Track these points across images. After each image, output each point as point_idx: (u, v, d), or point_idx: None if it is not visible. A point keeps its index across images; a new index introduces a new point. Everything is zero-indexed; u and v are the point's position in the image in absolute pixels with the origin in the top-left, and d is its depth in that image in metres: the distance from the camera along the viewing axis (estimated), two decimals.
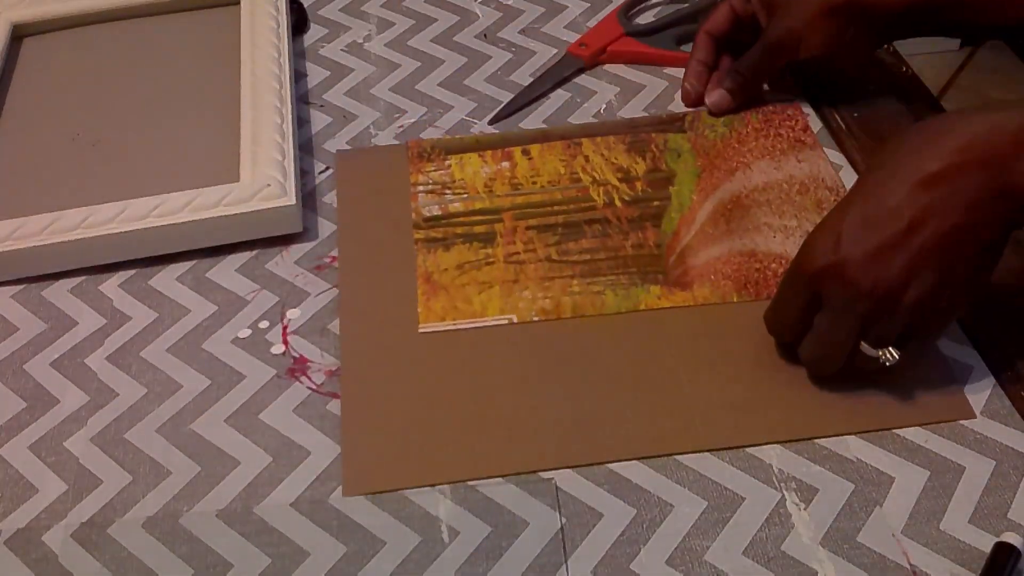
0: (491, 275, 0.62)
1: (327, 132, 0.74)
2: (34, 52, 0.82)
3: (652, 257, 0.63)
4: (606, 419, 0.54)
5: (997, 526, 0.49)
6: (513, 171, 0.69)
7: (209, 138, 0.71)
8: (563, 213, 0.66)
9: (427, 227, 0.66)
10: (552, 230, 0.65)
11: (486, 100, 0.76)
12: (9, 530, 0.51)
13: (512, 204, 0.67)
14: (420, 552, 0.49)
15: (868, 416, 0.54)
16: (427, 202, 0.67)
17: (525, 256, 0.63)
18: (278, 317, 0.61)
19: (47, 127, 0.74)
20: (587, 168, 0.69)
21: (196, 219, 0.64)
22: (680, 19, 0.82)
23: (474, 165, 0.70)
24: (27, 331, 0.61)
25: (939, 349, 0.57)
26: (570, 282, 0.62)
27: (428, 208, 0.67)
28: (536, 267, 0.63)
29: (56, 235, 0.63)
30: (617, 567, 0.48)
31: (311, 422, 0.55)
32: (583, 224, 0.65)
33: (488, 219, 0.66)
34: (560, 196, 0.67)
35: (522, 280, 0.62)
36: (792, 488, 0.51)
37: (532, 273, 0.62)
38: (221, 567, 0.49)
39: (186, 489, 0.53)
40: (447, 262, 0.63)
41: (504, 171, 0.69)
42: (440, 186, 0.68)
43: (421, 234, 0.65)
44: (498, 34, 0.83)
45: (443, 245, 0.64)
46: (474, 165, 0.70)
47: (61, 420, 0.56)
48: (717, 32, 0.73)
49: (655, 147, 0.70)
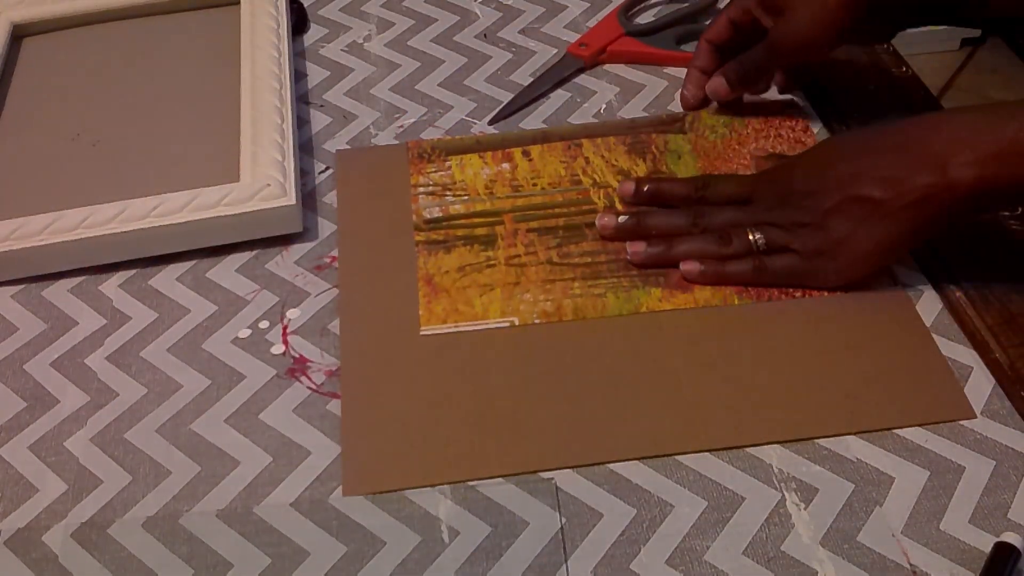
0: (492, 278, 0.62)
1: (327, 132, 0.74)
2: (34, 52, 0.82)
3: None
4: (606, 419, 0.54)
5: (997, 526, 0.49)
6: (513, 172, 0.69)
7: (209, 138, 0.71)
8: (564, 216, 0.66)
9: (428, 229, 0.65)
10: (553, 233, 0.65)
11: (486, 100, 0.76)
12: (9, 530, 0.51)
13: (512, 206, 0.67)
14: (420, 552, 0.49)
15: (868, 416, 0.54)
16: (428, 204, 0.67)
17: (526, 259, 0.63)
18: (278, 317, 0.61)
19: (47, 127, 0.74)
20: (587, 170, 0.69)
21: (196, 219, 0.64)
22: (680, 19, 0.82)
23: (475, 166, 0.69)
24: (27, 331, 0.61)
25: (939, 349, 0.57)
26: (571, 285, 0.61)
27: (429, 210, 0.67)
28: (537, 270, 0.62)
29: (56, 235, 0.63)
30: (617, 567, 0.48)
31: (311, 422, 0.55)
32: (584, 227, 0.65)
33: (489, 221, 0.66)
34: (561, 199, 0.67)
35: (523, 283, 0.62)
36: (792, 488, 0.51)
37: (533, 276, 0.62)
38: (221, 567, 0.49)
39: (186, 489, 0.53)
40: (448, 264, 0.63)
41: (504, 172, 0.69)
42: (440, 187, 0.68)
43: (422, 236, 0.65)
44: (498, 34, 0.83)
45: (444, 247, 0.64)
46: (475, 166, 0.69)
47: (61, 420, 0.56)
48: (717, 40, 0.73)
49: (655, 148, 0.70)
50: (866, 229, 0.56)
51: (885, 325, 0.58)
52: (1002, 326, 0.57)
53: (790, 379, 0.56)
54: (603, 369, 0.57)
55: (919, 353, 0.57)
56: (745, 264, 0.60)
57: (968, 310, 0.58)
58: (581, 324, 0.59)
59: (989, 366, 0.56)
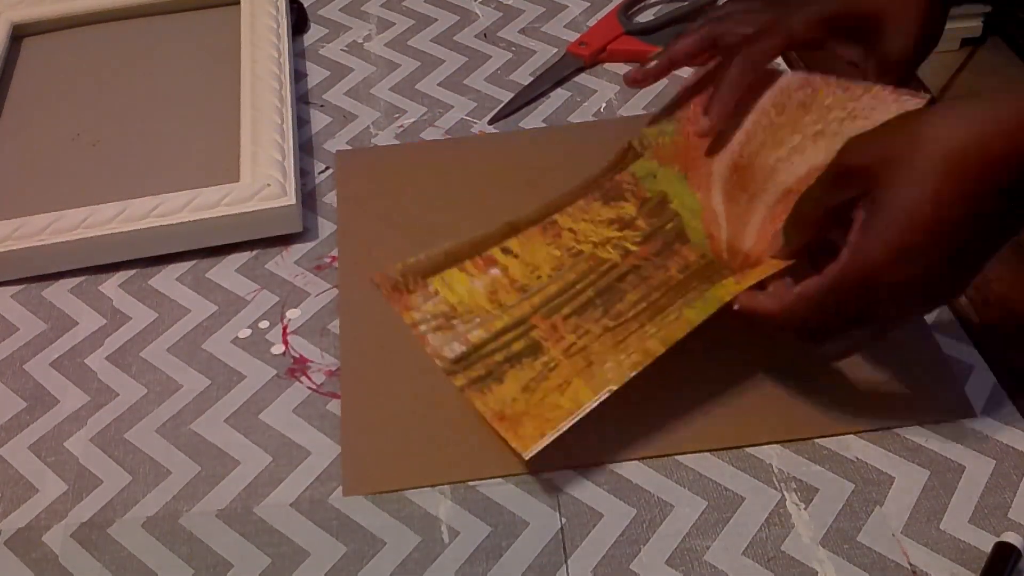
0: (563, 375, 0.55)
1: (327, 132, 0.74)
2: (34, 52, 0.82)
3: (706, 267, 0.59)
4: (605, 420, 0.54)
5: (997, 526, 0.49)
6: (508, 275, 0.61)
7: (209, 138, 0.71)
8: (591, 285, 0.60)
9: (461, 369, 0.57)
10: (592, 305, 0.58)
11: (486, 100, 0.76)
12: (9, 530, 0.51)
13: (532, 307, 0.59)
14: (420, 552, 0.49)
15: (868, 416, 0.54)
16: (441, 341, 0.59)
17: (583, 342, 0.56)
18: (278, 317, 0.61)
19: (47, 127, 0.74)
20: (579, 238, 0.62)
21: (196, 219, 0.64)
22: (679, 17, 0.82)
23: (462, 282, 0.61)
24: (27, 331, 0.61)
25: (940, 348, 0.57)
26: (644, 330, 0.55)
27: (448, 348, 0.58)
28: (601, 341, 0.56)
29: (56, 235, 0.63)
30: (617, 567, 0.48)
31: (311, 422, 0.55)
32: (616, 283, 0.59)
33: (520, 332, 0.58)
34: (574, 276, 0.60)
35: (596, 360, 0.55)
36: (792, 488, 0.51)
37: (601, 348, 0.55)
38: (221, 567, 0.49)
39: (186, 489, 0.53)
40: (509, 393, 0.55)
41: (499, 279, 0.61)
42: (443, 318, 0.60)
43: (461, 379, 0.56)
44: (498, 34, 0.83)
45: (493, 379, 0.56)
46: (462, 282, 0.61)
47: (61, 420, 0.56)
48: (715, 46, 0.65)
49: (627, 184, 0.64)
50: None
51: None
52: (1002, 326, 0.57)
53: (790, 378, 0.56)
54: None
55: (920, 352, 0.57)
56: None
57: (968, 310, 0.58)
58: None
59: (989, 365, 0.56)
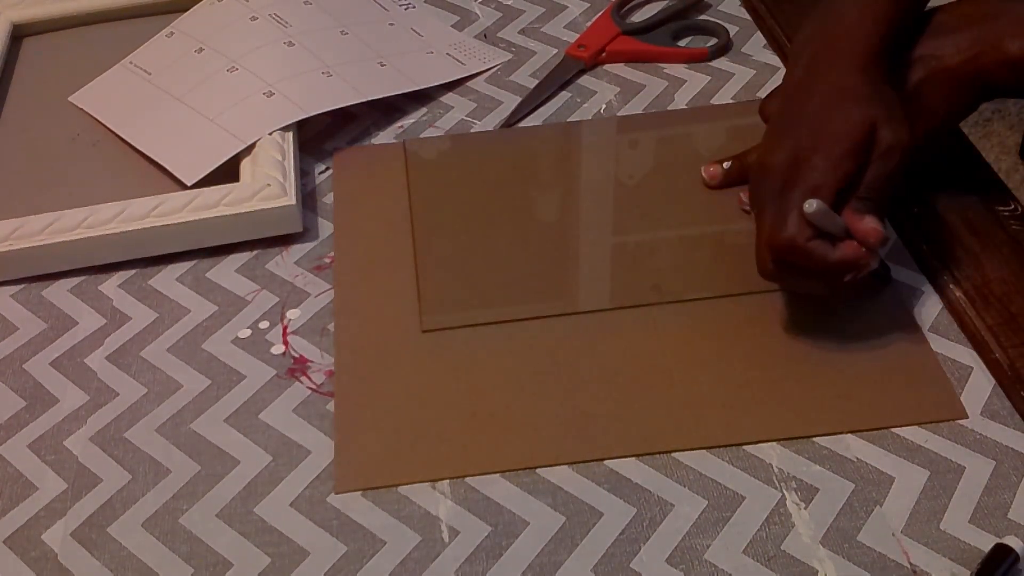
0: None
1: (327, 132, 0.74)
2: (34, 52, 0.82)
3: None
4: (600, 416, 0.54)
5: (997, 526, 0.49)
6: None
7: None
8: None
9: None
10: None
11: (486, 100, 0.76)
12: (9, 529, 0.51)
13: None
14: (420, 552, 0.49)
15: (865, 415, 0.54)
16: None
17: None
18: (278, 317, 0.61)
19: (47, 127, 0.74)
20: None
21: (196, 219, 0.64)
22: (672, 15, 0.82)
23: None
24: (27, 331, 0.61)
25: (931, 348, 0.57)
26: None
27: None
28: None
29: (56, 235, 0.63)
30: (617, 566, 0.48)
31: (311, 422, 0.55)
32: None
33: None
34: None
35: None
36: (792, 488, 0.51)
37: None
38: (221, 566, 0.49)
39: (186, 488, 0.53)
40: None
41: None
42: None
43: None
44: (498, 34, 0.83)
45: None
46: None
47: (61, 419, 0.56)
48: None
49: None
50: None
51: (878, 324, 0.58)
52: (1002, 326, 0.57)
53: (788, 376, 0.56)
54: (598, 366, 0.57)
55: (911, 352, 0.57)
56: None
57: (968, 310, 0.58)
58: (576, 319, 0.59)
59: (989, 366, 0.56)
